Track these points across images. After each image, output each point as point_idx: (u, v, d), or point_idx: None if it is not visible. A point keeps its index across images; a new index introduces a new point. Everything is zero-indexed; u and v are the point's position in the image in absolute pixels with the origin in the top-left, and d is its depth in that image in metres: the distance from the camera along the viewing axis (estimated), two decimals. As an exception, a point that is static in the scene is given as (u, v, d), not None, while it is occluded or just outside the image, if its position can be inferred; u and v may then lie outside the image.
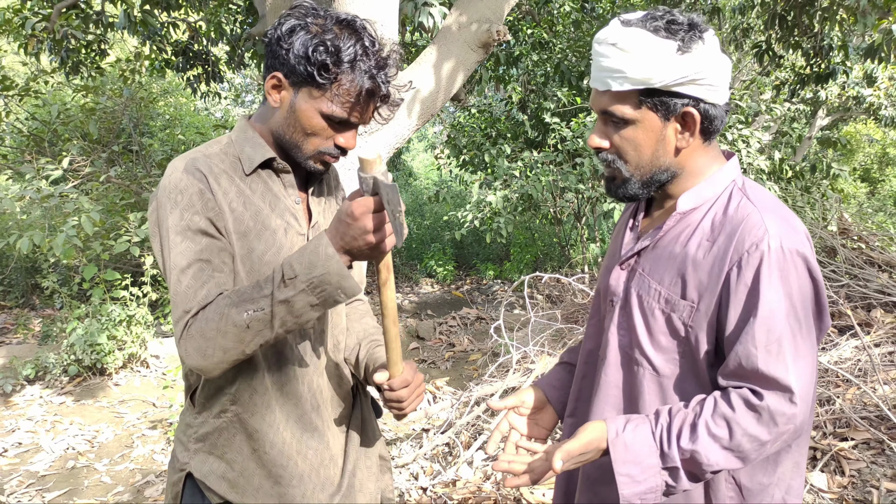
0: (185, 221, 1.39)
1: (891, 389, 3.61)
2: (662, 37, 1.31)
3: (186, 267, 1.37)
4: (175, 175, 1.41)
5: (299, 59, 1.39)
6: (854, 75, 13.10)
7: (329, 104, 1.42)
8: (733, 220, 1.35)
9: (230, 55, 10.59)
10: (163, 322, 6.70)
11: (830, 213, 6.34)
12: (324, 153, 1.49)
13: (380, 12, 4.39)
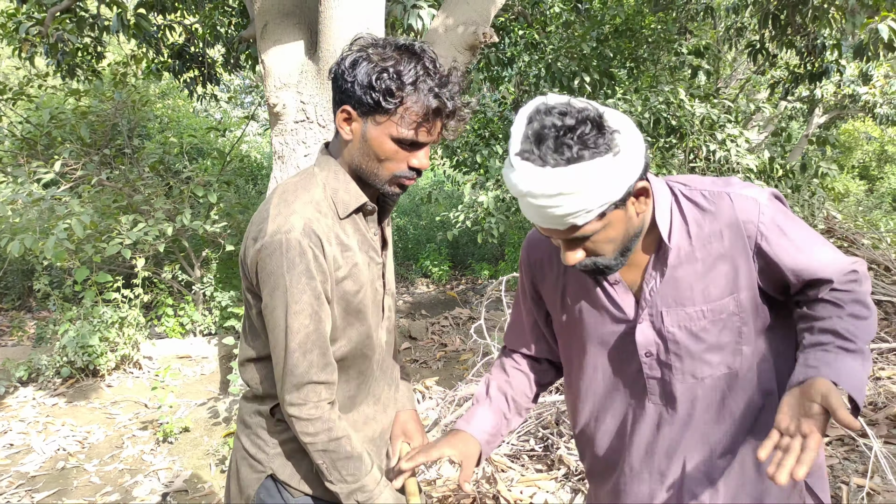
0: (302, 285, 1.47)
1: (869, 387, 3.64)
2: (592, 156, 1.28)
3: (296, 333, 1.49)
4: (294, 235, 1.46)
5: (364, 88, 1.45)
6: (849, 73, 13.12)
7: (397, 128, 1.47)
8: (721, 214, 1.49)
9: (226, 57, 10.66)
10: (156, 324, 6.75)
11: (819, 212, 6.37)
12: (399, 177, 1.55)
13: (367, 15, 4.43)
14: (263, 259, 1.48)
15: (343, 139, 1.56)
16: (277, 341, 1.51)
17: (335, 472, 1.53)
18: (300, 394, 1.50)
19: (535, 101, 1.37)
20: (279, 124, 4.79)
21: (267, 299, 1.50)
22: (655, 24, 8.17)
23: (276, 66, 4.81)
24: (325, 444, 1.52)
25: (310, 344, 1.50)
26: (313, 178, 1.58)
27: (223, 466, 4.26)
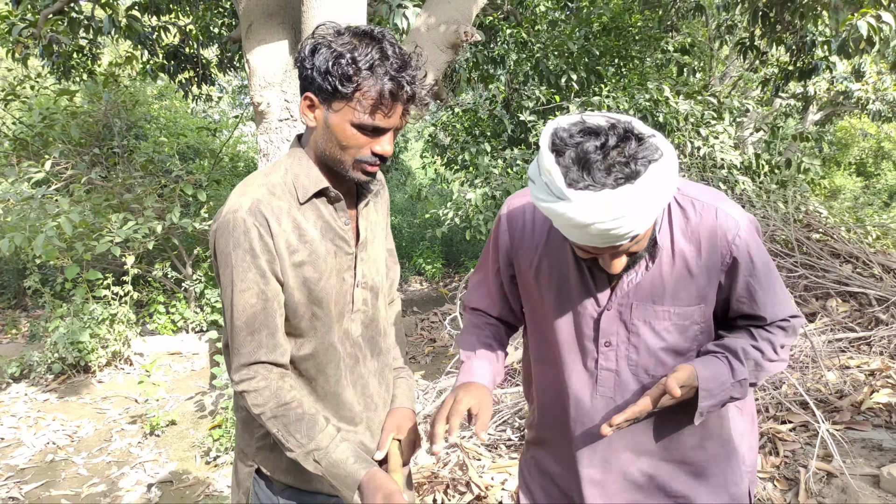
0: (247, 263, 1.48)
1: (836, 375, 3.72)
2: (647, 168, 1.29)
3: (242, 311, 1.49)
4: (240, 215, 1.48)
5: (322, 74, 1.44)
6: (842, 70, 13.19)
7: (355, 113, 1.46)
8: (704, 225, 1.55)
9: (220, 58, 10.74)
10: (148, 321, 6.83)
11: (802, 207, 6.44)
12: (361, 161, 1.53)
13: (348, 15, 4.50)
14: (217, 240, 1.51)
15: (308, 127, 1.56)
16: (227, 321, 1.52)
17: (290, 438, 1.50)
18: (248, 371, 1.50)
19: (548, 129, 1.34)
20: (264, 123, 4.87)
21: (219, 279, 1.53)
22: (642, 23, 8.24)
23: (261, 66, 4.88)
24: (274, 409, 1.50)
25: (257, 323, 1.50)
26: (279, 165, 1.59)
27: (208, 458, 4.35)
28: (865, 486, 2.86)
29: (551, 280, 1.66)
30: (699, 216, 1.55)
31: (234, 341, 1.51)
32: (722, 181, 6.38)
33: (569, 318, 1.65)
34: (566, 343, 1.66)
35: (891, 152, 21.66)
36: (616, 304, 1.58)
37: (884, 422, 3.33)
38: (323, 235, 1.59)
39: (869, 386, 3.57)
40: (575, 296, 1.63)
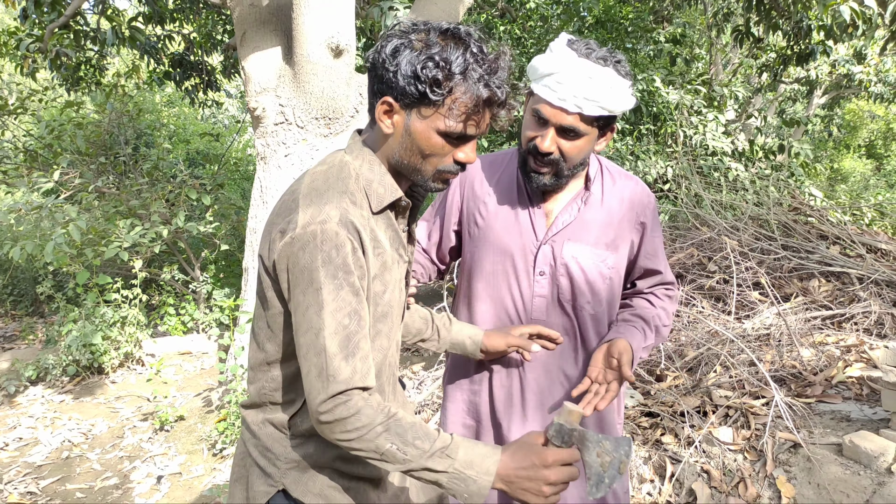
0: (339, 281, 1.34)
1: (812, 352, 3.84)
2: (622, 76, 1.73)
3: (335, 334, 1.34)
4: (330, 226, 1.34)
5: (408, 78, 1.34)
6: (844, 53, 13.20)
7: (445, 120, 1.36)
8: (626, 189, 1.95)
9: (224, 64, 10.96)
10: (159, 323, 7.05)
11: (793, 192, 6.53)
12: (443, 171, 1.44)
13: (337, 21, 4.67)
14: (295, 253, 1.34)
15: (382, 132, 1.44)
16: (311, 345, 1.34)
17: (410, 448, 1.34)
18: (342, 397, 1.33)
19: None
20: (260, 127, 5.05)
21: (299, 298, 1.35)
22: (634, 15, 8.35)
23: (256, 72, 5.07)
24: (386, 423, 1.35)
25: (352, 346, 1.35)
26: (345, 167, 1.46)
27: (214, 450, 4.54)
28: (829, 454, 2.99)
29: (497, 216, 1.93)
30: (624, 182, 1.96)
31: (327, 368, 1.33)
32: (713, 168, 6.49)
33: (512, 251, 1.91)
34: (508, 272, 1.92)
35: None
36: (550, 239, 1.88)
37: (854, 395, 3.45)
38: (391, 244, 1.50)
39: (843, 361, 3.70)
40: (519, 231, 1.91)
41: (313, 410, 1.34)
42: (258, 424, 1.52)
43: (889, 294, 4.38)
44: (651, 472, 3.16)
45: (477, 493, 1.34)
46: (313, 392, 1.34)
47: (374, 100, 1.41)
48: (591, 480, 1.33)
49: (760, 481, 2.97)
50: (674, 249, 5.18)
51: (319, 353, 1.33)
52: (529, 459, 1.33)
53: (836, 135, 19.68)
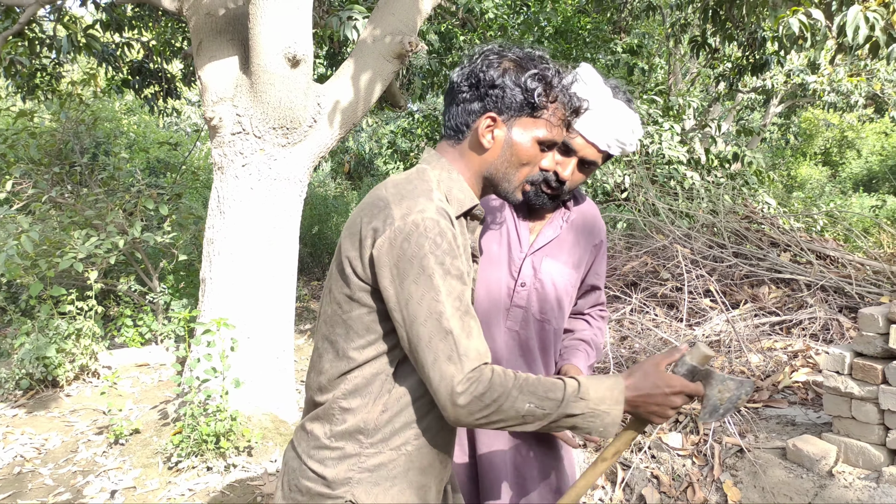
0: (447, 266, 1.38)
1: (760, 358, 3.93)
2: (641, 123, 1.93)
3: (453, 317, 1.37)
4: (430, 215, 1.39)
5: (516, 92, 1.49)
6: (799, 63, 13.51)
7: (545, 130, 1.52)
8: (590, 212, 2.07)
9: (184, 72, 10.86)
10: (116, 335, 6.96)
11: (749, 200, 6.67)
12: (527, 181, 1.60)
13: (294, 31, 4.67)
14: (400, 245, 1.38)
15: (479, 146, 1.54)
16: (434, 332, 1.36)
17: (546, 401, 1.39)
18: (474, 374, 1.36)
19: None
20: (217, 137, 5.03)
21: (411, 288, 1.37)
22: (592, 25, 8.46)
23: (212, 81, 5.05)
24: (518, 385, 1.39)
25: (468, 326, 1.38)
26: (424, 172, 1.54)
27: (170, 463, 4.49)
28: (774, 458, 3.06)
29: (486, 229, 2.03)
30: (588, 205, 2.08)
31: (456, 348, 1.36)
32: (669, 177, 6.60)
33: (499, 260, 1.99)
34: (491, 280, 1.99)
35: (854, 141, 22.09)
36: (534, 253, 1.97)
37: (799, 399, 3.54)
38: (464, 251, 1.53)
39: (790, 366, 3.79)
40: (507, 244, 2.00)
41: (449, 394, 1.35)
42: (331, 437, 1.51)
43: (835, 300, 4.50)
44: (603, 479, 3.21)
45: (611, 424, 1.42)
46: (446, 378, 1.35)
47: (470, 118, 1.52)
48: (706, 409, 1.46)
49: (708, 485, 3.03)
50: (629, 257, 5.27)
51: (446, 336, 1.35)
52: (658, 387, 1.44)
53: (792, 143, 20.11)
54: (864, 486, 2.91)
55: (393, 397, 1.48)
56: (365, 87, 5.16)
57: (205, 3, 5.08)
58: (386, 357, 1.47)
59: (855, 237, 6.74)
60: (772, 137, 19.65)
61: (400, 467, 1.50)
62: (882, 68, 12.95)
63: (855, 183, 20.92)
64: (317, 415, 1.54)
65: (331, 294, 1.52)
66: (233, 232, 4.78)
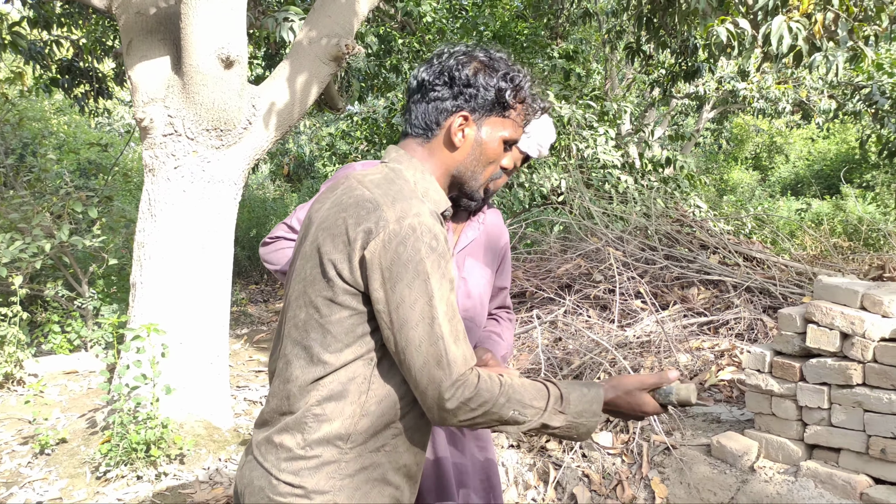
0: (443, 269, 1.39)
1: (689, 357, 4.04)
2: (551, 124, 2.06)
3: (444, 321, 1.38)
4: (426, 219, 1.39)
5: (491, 90, 1.53)
6: (730, 70, 13.93)
7: (511, 130, 1.57)
8: (495, 219, 2.14)
9: (116, 71, 10.59)
10: (43, 341, 6.74)
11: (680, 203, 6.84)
12: (491, 179, 1.64)
13: (228, 31, 4.60)
14: (395, 248, 1.36)
15: (450, 144, 1.55)
16: (425, 336, 1.37)
17: (529, 407, 1.43)
18: (462, 378, 1.38)
19: None
20: (148, 138, 4.92)
21: (404, 292, 1.36)
22: (529, 30, 8.57)
23: (143, 81, 4.94)
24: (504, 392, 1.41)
25: (458, 331, 1.40)
26: (399, 173, 1.52)
27: (98, 473, 4.37)
28: (700, 455, 3.15)
29: None
30: (493, 211, 2.16)
31: (446, 353, 1.37)
32: (603, 181, 6.74)
33: None
34: None
35: (782, 147, 22.88)
36: (457, 254, 2.02)
37: (725, 397, 3.65)
38: None
39: (716, 365, 3.90)
40: None
41: (437, 399, 1.37)
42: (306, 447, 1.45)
43: (760, 300, 4.66)
44: (535, 479, 3.25)
45: (586, 434, 1.49)
46: (434, 382, 1.36)
47: (441, 116, 1.54)
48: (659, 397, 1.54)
49: (637, 483, 3.10)
50: (564, 260, 5.35)
51: (436, 341, 1.36)
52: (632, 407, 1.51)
53: (725, 148, 20.72)
54: (783, 481, 3.03)
55: (371, 400, 1.45)
56: (301, 90, 5.12)
57: (135, 2, 4.98)
58: (363, 360, 1.45)
59: (781, 240, 6.99)
60: (705, 142, 20.19)
61: (380, 469, 1.49)
62: (808, 76, 13.43)
63: (783, 187, 21.66)
64: (286, 425, 1.48)
65: (305, 297, 1.47)
66: (164, 235, 4.68)
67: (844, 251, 6.21)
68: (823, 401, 3.07)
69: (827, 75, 9.66)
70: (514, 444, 3.41)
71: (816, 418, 3.10)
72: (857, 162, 19.12)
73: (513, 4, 9.49)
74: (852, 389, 3.00)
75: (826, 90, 13.17)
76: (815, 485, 3.00)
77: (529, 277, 5.30)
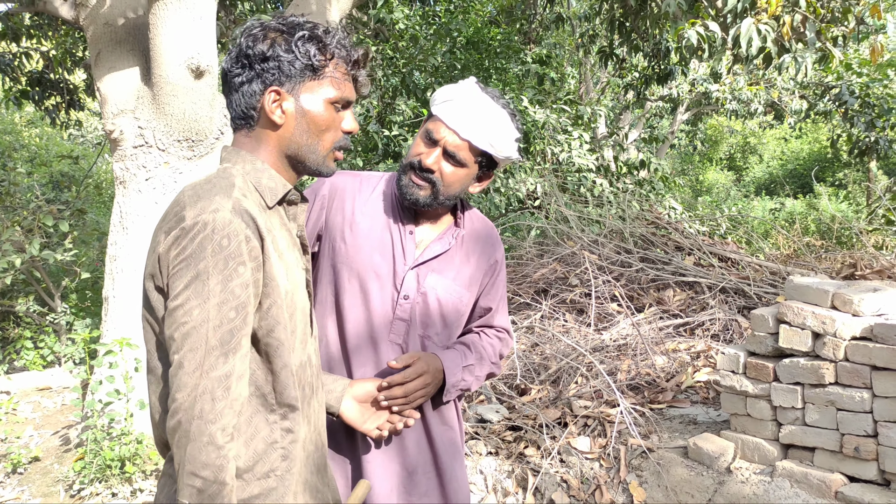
0: (230, 271, 1.28)
1: (665, 360, 4.05)
2: (515, 126, 1.87)
3: (218, 328, 1.27)
4: (223, 215, 1.30)
5: (292, 58, 1.42)
6: (702, 72, 14.06)
7: (332, 89, 1.46)
8: (485, 230, 2.03)
9: (87, 82, 10.47)
10: (15, 358, 6.63)
11: (655, 205, 6.88)
12: (337, 147, 1.51)
13: (196, 40, 4.56)
14: (182, 244, 1.28)
15: (272, 124, 1.46)
16: (194, 345, 1.26)
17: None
18: (207, 398, 1.25)
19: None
20: (119, 150, 4.86)
21: (180, 290, 1.28)
22: (502, 36, 8.59)
23: (112, 93, 4.88)
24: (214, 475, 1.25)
25: (234, 343, 1.28)
26: (227, 171, 1.43)
27: (72, 491, 4.30)
28: (677, 457, 3.16)
29: (366, 236, 1.93)
30: (482, 224, 2.04)
31: (203, 362, 1.25)
32: (579, 184, 6.77)
33: (380, 271, 1.92)
34: (374, 291, 1.92)
35: (756, 147, 23.13)
36: (419, 267, 1.91)
37: (701, 398, 3.67)
38: (286, 244, 1.48)
39: (692, 367, 3.92)
40: (389, 253, 1.92)
41: (187, 389, 1.24)
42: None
43: (735, 301, 4.69)
44: (514, 486, 3.25)
45: None
46: (183, 388, 1.25)
47: (253, 99, 1.44)
48: None
49: (615, 487, 3.10)
50: (540, 265, 5.36)
51: (196, 348, 1.25)
52: None
53: (699, 149, 20.89)
54: (759, 481, 3.04)
55: None
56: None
57: (103, 13, 4.92)
58: None
59: (755, 240, 7.05)
60: (680, 144, 20.35)
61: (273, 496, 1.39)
62: (778, 77, 13.58)
63: (757, 187, 21.88)
64: (171, 455, 1.39)
65: (144, 317, 1.41)
66: (137, 248, 4.63)
67: (817, 250, 6.27)
68: (797, 400, 3.09)
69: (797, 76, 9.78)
70: (492, 451, 3.40)
71: (791, 418, 3.12)
72: (830, 161, 19.37)
73: (486, 10, 9.51)
74: (825, 388, 3.02)
75: (797, 91, 13.32)
76: (790, 484, 3.02)
77: (506, 283, 5.29)
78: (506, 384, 3.95)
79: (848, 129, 12.33)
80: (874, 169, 16.16)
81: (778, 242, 7.43)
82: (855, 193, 16.77)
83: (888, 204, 6.83)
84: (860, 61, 11.58)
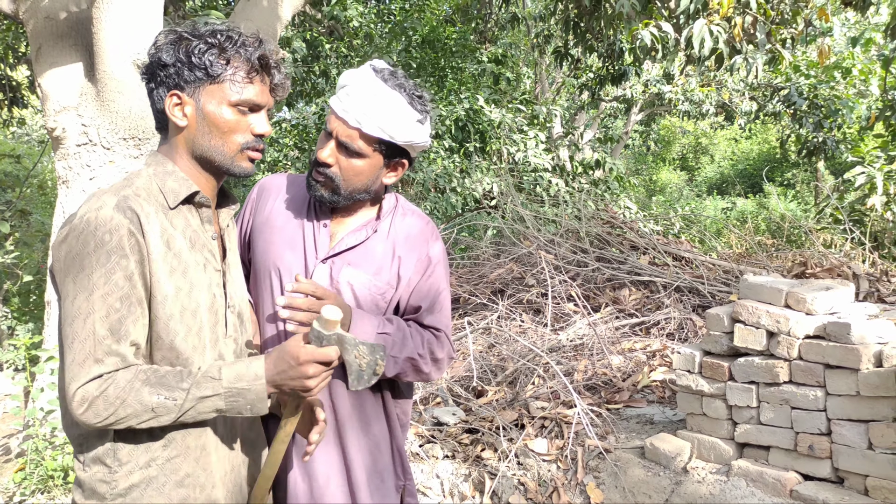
0: (112, 265, 1.34)
1: (621, 359, 4.05)
2: (413, 108, 1.74)
3: (104, 318, 1.34)
4: (105, 212, 1.35)
5: (188, 63, 1.45)
6: (656, 74, 14.25)
7: (231, 91, 1.48)
8: (416, 226, 1.92)
9: (31, 79, 10.16)
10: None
11: (610, 205, 6.91)
12: (246, 147, 1.54)
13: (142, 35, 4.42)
14: (70, 243, 1.36)
15: (177, 128, 1.52)
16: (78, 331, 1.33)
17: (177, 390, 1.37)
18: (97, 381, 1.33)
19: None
20: (61, 149, 4.70)
21: (69, 286, 1.35)
22: (457, 35, 8.56)
23: (54, 89, 4.71)
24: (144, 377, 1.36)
25: (123, 331, 1.36)
26: (138, 172, 1.52)
27: (13, 503, 4.14)
28: (634, 457, 3.15)
29: (282, 232, 1.88)
30: (414, 219, 1.92)
31: (94, 351, 1.33)
32: (535, 184, 6.76)
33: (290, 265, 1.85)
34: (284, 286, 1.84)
35: (707, 147, 23.54)
36: (331, 260, 1.83)
37: (658, 398, 3.67)
38: (192, 245, 1.52)
39: (648, 366, 3.92)
40: (301, 247, 1.85)
41: (70, 399, 1.33)
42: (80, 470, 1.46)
43: (690, 300, 4.72)
44: (471, 489, 3.20)
45: (257, 400, 1.43)
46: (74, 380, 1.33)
47: (159, 105, 1.51)
48: (353, 376, 1.49)
49: (573, 489, 3.07)
50: (497, 265, 5.33)
51: (86, 339, 1.33)
52: (286, 361, 1.43)
53: (653, 149, 21.18)
54: (715, 481, 3.05)
55: None
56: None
57: (44, 6, 4.75)
58: None
59: (708, 239, 7.13)
60: (634, 144, 20.60)
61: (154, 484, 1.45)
62: (729, 79, 13.82)
63: (709, 186, 22.27)
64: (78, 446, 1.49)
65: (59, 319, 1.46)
66: (80, 250, 4.46)
67: (769, 248, 6.36)
68: (752, 399, 3.10)
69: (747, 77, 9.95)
70: (448, 454, 3.35)
71: (746, 417, 3.13)
72: (779, 161, 19.80)
73: (441, 9, 9.47)
74: (779, 387, 3.04)
75: (747, 92, 13.57)
76: (746, 483, 3.03)
77: (462, 283, 5.26)
78: (462, 386, 3.90)
79: (796, 130, 12.60)
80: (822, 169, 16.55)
81: (730, 241, 7.53)
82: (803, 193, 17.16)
83: (836, 203, 6.97)
84: (808, 63, 11.83)
